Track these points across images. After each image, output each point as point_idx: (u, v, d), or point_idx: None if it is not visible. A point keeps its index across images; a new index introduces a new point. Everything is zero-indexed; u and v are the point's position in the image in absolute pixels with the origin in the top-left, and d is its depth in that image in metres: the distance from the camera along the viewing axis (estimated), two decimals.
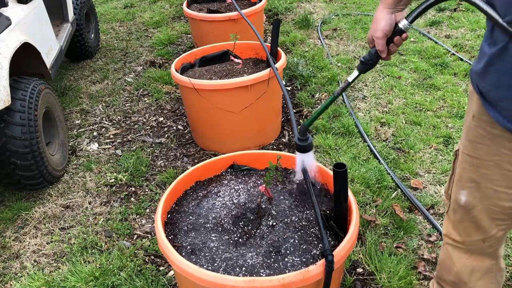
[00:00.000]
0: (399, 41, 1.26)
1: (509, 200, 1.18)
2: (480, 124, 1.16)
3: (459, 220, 1.32)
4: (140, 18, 5.32)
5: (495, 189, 1.18)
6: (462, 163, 1.26)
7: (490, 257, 1.34)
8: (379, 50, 1.27)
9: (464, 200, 1.27)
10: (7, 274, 2.06)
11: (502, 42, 1.02)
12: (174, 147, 2.93)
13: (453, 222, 1.35)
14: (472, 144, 1.20)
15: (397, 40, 1.26)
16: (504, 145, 1.12)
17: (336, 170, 1.36)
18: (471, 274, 1.37)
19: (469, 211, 1.27)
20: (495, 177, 1.17)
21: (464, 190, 1.26)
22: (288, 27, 4.68)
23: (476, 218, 1.26)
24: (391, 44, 1.27)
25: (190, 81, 2.54)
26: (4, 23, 2.36)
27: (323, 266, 1.28)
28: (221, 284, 1.27)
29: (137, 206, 2.42)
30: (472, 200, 1.25)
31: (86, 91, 3.71)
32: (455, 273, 1.40)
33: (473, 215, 1.26)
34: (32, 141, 2.31)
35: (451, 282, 1.44)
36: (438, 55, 3.86)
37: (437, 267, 1.53)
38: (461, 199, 1.28)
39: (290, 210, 1.63)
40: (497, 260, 1.37)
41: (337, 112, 3.08)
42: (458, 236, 1.35)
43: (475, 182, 1.22)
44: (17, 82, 2.37)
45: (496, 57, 1.05)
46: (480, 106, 1.15)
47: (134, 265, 2.01)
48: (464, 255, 1.36)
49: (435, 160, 2.61)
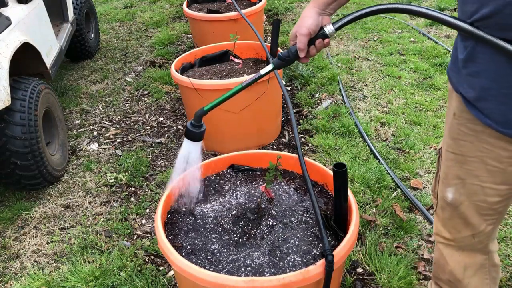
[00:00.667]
0: (321, 44, 1.26)
1: (496, 195, 1.19)
2: (461, 122, 1.17)
3: (448, 217, 1.33)
4: (140, 18, 5.32)
5: (481, 185, 1.19)
6: (446, 161, 1.27)
7: (481, 252, 1.35)
8: (299, 48, 1.26)
9: (451, 197, 1.28)
10: (7, 274, 2.06)
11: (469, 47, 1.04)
12: (174, 147, 2.93)
13: (442, 220, 1.36)
14: (455, 141, 1.21)
15: (319, 43, 1.26)
16: (486, 140, 1.12)
17: (336, 170, 1.36)
18: (464, 271, 1.38)
19: (456, 208, 1.28)
20: (480, 173, 1.17)
21: (450, 187, 1.27)
22: (288, 27, 4.68)
23: (464, 215, 1.27)
24: (311, 46, 1.27)
25: (190, 81, 2.54)
26: (4, 23, 2.36)
27: (323, 266, 1.28)
28: (221, 284, 1.27)
29: (137, 206, 2.42)
30: (459, 197, 1.25)
31: (86, 91, 3.71)
32: (449, 271, 1.41)
33: (461, 212, 1.27)
34: (32, 141, 2.31)
35: (447, 281, 1.45)
36: (438, 55, 3.86)
37: (433, 267, 1.54)
38: (448, 197, 1.28)
39: (290, 210, 1.63)
40: (489, 255, 1.37)
41: (337, 112, 3.08)
42: (448, 234, 1.36)
43: (461, 179, 1.23)
44: (17, 82, 2.37)
45: (467, 59, 1.06)
46: (460, 103, 1.15)
47: (134, 265, 2.01)
48: (455, 253, 1.37)
49: (435, 160, 2.60)
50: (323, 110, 3.15)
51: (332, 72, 3.61)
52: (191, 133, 1.45)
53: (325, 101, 3.28)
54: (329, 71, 3.63)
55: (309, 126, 2.98)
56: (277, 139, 2.94)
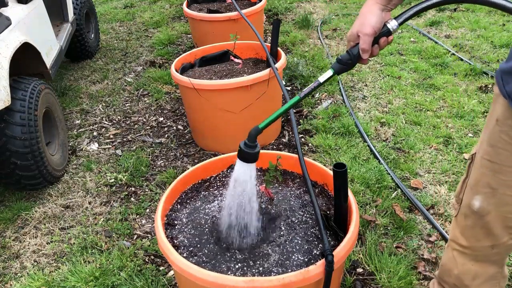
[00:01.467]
0: (385, 43, 1.18)
1: None
2: (504, 129, 1.10)
3: (470, 225, 1.28)
4: (140, 18, 5.32)
5: None
6: (480, 168, 1.21)
7: (496, 264, 1.32)
8: (362, 49, 1.17)
9: (478, 206, 1.23)
10: (7, 274, 2.06)
11: None
12: (174, 147, 2.93)
13: (462, 227, 1.32)
14: (493, 149, 1.15)
15: (383, 42, 1.18)
16: None
17: (336, 170, 1.36)
18: (473, 279, 1.35)
19: (481, 217, 1.23)
20: None
21: (479, 195, 1.22)
22: (288, 27, 4.68)
23: (488, 225, 1.23)
24: (375, 46, 1.18)
25: (190, 81, 2.54)
26: (4, 23, 2.36)
27: (323, 266, 1.28)
28: (221, 284, 1.27)
29: (137, 206, 2.42)
30: (486, 206, 1.21)
31: (86, 91, 3.71)
32: (456, 276, 1.39)
33: (485, 221, 1.23)
34: (32, 141, 2.31)
35: (453, 285, 1.43)
36: (438, 55, 3.86)
37: (440, 268, 1.51)
38: (475, 204, 1.23)
39: (290, 210, 1.63)
40: (502, 268, 1.35)
41: (337, 112, 3.08)
42: (465, 241, 1.32)
43: (492, 188, 1.18)
44: (17, 82, 2.37)
45: None
46: (507, 109, 1.08)
47: (134, 265, 2.01)
48: (469, 262, 1.34)
49: (435, 160, 2.61)
50: (323, 110, 3.15)
51: None
52: (246, 154, 1.29)
53: (325, 101, 3.28)
54: None
55: (309, 126, 2.98)
56: (277, 139, 2.94)
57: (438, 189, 2.38)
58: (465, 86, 3.36)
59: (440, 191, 2.37)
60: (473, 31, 4.33)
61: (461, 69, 3.60)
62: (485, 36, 4.17)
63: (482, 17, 4.65)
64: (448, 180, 2.45)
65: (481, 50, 3.93)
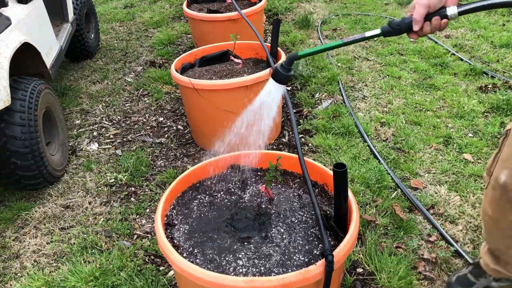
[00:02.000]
0: (437, 23, 1.16)
1: None
2: None
3: (497, 198, 1.32)
4: (140, 18, 5.32)
5: None
6: None
7: None
8: (415, 18, 1.16)
9: (503, 180, 1.27)
10: (7, 274, 2.06)
11: None
12: (174, 147, 2.93)
13: (490, 198, 1.36)
14: None
15: (435, 20, 1.15)
16: None
17: (336, 170, 1.36)
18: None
19: (506, 192, 1.27)
20: None
21: (506, 170, 1.26)
22: (288, 27, 4.68)
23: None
24: (426, 22, 1.17)
25: (190, 81, 2.54)
26: (4, 23, 2.36)
27: (323, 266, 1.28)
28: (221, 284, 1.27)
29: (137, 206, 2.42)
30: (511, 181, 1.24)
31: (86, 91, 3.71)
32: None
33: (510, 196, 1.26)
34: (32, 141, 2.31)
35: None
36: (438, 55, 3.86)
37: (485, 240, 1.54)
38: (501, 178, 1.27)
39: (290, 210, 1.63)
40: None
41: (337, 112, 3.08)
42: (491, 212, 1.36)
43: None
44: (17, 82, 2.37)
45: None
46: None
47: (134, 265, 2.01)
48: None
49: (435, 160, 2.61)
50: (323, 110, 3.15)
51: (332, 72, 3.61)
52: (280, 75, 1.37)
53: (325, 101, 3.28)
54: (329, 71, 3.63)
55: (309, 126, 2.98)
56: (277, 139, 2.94)
57: (438, 189, 2.38)
58: (465, 86, 3.36)
59: (440, 191, 2.37)
60: (473, 31, 4.33)
61: (461, 69, 3.60)
62: (485, 36, 4.17)
63: (482, 16, 4.65)
64: (448, 180, 2.45)
65: (481, 50, 3.93)
